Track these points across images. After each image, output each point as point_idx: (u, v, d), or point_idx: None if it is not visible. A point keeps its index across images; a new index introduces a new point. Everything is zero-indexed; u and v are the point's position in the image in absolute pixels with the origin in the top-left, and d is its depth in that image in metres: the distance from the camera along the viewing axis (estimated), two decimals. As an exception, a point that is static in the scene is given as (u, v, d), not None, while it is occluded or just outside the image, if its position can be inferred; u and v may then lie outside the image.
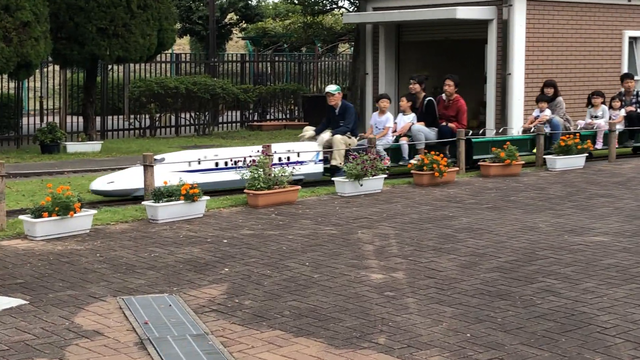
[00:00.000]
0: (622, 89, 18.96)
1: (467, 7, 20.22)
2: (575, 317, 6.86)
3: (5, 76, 20.59)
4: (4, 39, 17.91)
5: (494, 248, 9.38)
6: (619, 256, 9.00)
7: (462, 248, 9.37)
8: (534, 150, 16.82)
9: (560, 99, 18.36)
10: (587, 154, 16.46)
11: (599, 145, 17.68)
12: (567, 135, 16.44)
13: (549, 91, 18.48)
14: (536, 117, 18.08)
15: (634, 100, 18.13)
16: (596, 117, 18.53)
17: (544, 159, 16.25)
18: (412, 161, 15.00)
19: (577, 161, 16.13)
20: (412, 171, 14.27)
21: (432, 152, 14.20)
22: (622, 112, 17.90)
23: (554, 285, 7.81)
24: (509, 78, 19.93)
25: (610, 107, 18.13)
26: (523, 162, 15.52)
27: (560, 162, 15.94)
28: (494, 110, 20.40)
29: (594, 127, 18.18)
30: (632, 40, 21.71)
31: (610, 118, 17.89)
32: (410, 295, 7.53)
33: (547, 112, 17.64)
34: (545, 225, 10.61)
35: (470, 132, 17.00)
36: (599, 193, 13.12)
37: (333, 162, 14.79)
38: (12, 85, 23.23)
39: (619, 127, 17.50)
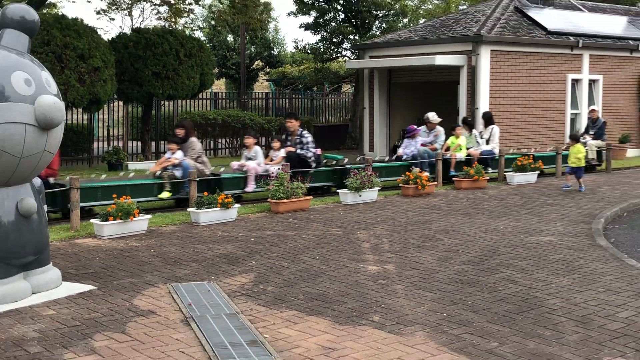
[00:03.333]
0: (288, 129, 14.93)
1: (443, 56, 20.25)
2: (529, 300, 6.88)
3: (80, 110, 20.62)
4: (79, 81, 17.97)
5: (464, 246, 9.39)
6: (564, 252, 9.01)
7: (439, 245, 9.38)
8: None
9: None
10: (538, 172, 16.44)
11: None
12: (524, 157, 16.40)
13: None
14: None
15: (297, 141, 14.30)
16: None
17: (505, 175, 16.20)
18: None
19: (531, 177, 16.11)
20: (400, 184, 14.28)
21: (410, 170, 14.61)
22: (282, 153, 14.11)
23: (513, 275, 7.82)
24: (476, 111, 19.91)
25: (271, 148, 14.75)
26: (488, 177, 15.52)
27: (517, 178, 15.93)
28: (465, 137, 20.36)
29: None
30: (574, 81, 21.68)
31: (270, 159, 14.20)
32: (398, 283, 7.55)
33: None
34: (506, 228, 10.61)
35: (448, 154, 16.95)
36: (548, 202, 13.11)
37: None
38: (85, 117, 23.28)
39: (277, 168, 13.25)
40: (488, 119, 17.60)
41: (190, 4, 25.63)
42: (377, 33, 30.11)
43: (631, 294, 7.06)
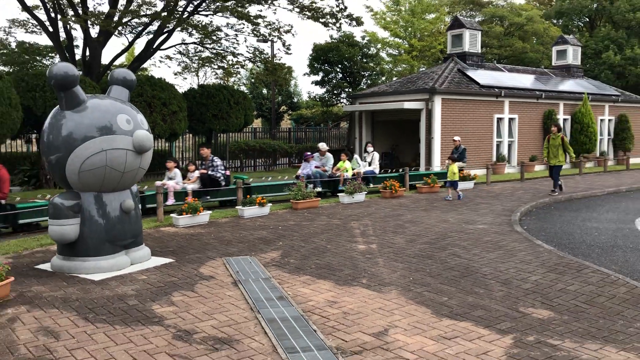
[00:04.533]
0: (202, 155, 12.92)
1: (409, 102, 20.18)
2: (469, 269, 6.84)
3: (163, 140, 20.66)
4: (162, 120, 18.01)
5: (424, 231, 9.32)
6: (492, 236, 8.95)
7: (407, 231, 9.32)
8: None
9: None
10: (474, 180, 16.33)
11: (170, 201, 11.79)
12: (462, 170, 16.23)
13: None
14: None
15: (209, 165, 12.54)
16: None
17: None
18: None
19: (468, 185, 16.03)
20: (380, 189, 14.23)
21: (391, 180, 14.27)
22: (196, 174, 12.37)
23: (457, 252, 7.77)
24: (432, 140, 19.84)
25: (188, 170, 12.62)
26: (440, 184, 15.45)
27: (461, 185, 15.79)
28: (424, 157, 20.32)
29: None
30: (499, 119, 21.62)
31: (188, 179, 12.50)
32: (379, 257, 7.50)
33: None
34: (452, 219, 10.55)
35: (412, 168, 16.88)
36: (481, 201, 13.04)
37: None
38: (166, 144, 23.30)
39: (193, 186, 12.10)
40: (373, 146, 16.48)
41: (237, 68, 25.64)
42: (364, 87, 30.09)
43: (538, 264, 7.03)
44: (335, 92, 30.67)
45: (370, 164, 15.72)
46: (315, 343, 4.48)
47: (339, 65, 29.59)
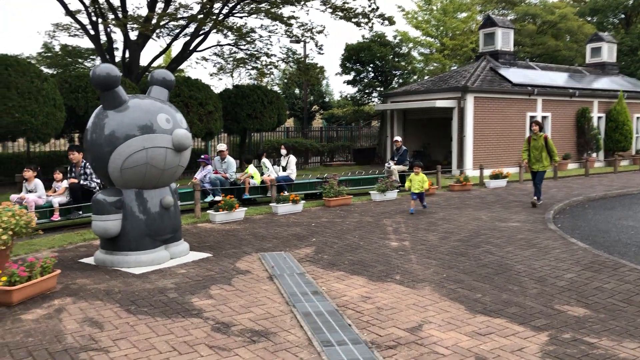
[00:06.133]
0: (71, 161, 10.35)
1: (441, 101, 20.02)
2: (502, 266, 6.75)
3: (199, 139, 20.93)
4: (199, 120, 18.25)
5: (457, 229, 9.25)
6: (526, 233, 8.82)
7: (439, 229, 9.26)
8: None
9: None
10: (507, 179, 16.08)
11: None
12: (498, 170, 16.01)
13: None
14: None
15: (81, 172, 10.09)
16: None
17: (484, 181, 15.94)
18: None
19: (501, 183, 15.82)
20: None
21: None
22: (65, 184, 10.03)
23: (491, 249, 7.68)
24: (464, 138, 19.62)
25: (53, 179, 10.22)
26: (472, 183, 15.28)
27: (492, 183, 15.65)
28: (456, 156, 20.11)
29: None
30: (531, 117, 21.23)
31: (54, 190, 10.11)
32: (412, 253, 7.47)
33: None
34: (485, 217, 10.43)
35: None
36: (514, 200, 12.85)
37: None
38: (202, 143, 23.60)
39: (61, 199, 9.78)
40: (288, 149, 14.05)
41: (271, 69, 25.79)
42: (396, 85, 29.92)
43: (573, 262, 6.90)
44: (366, 91, 30.60)
45: (285, 169, 13.60)
46: (350, 337, 4.49)
47: (371, 65, 29.49)
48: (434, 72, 32.99)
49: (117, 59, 21.00)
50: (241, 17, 21.73)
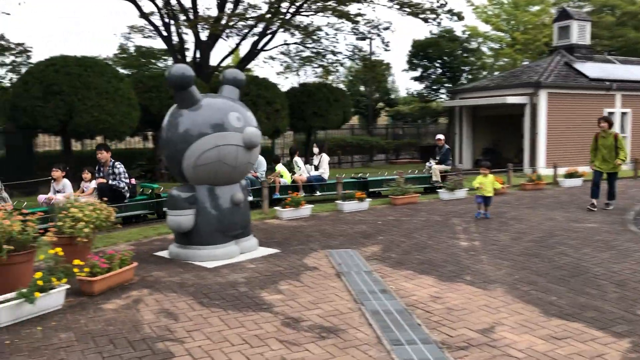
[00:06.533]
0: (99, 160, 9.93)
1: (512, 97, 19.47)
2: (579, 268, 6.49)
3: (266, 137, 21.31)
4: (266, 118, 18.56)
5: (530, 229, 8.95)
6: (604, 235, 8.43)
7: (511, 229, 9.00)
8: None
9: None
10: (582, 178, 15.36)
11: None
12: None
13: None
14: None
15: (109, 172, 9.76)
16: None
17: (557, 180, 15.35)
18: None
19: (576, 182, 15.19)
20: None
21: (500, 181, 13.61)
22: (93, 184, 9.84)
23: (566, 250, 7.39)
24: (536, 135, 18.99)
25: (82, 179, 10.14)
26: (545, 182, 14.77)
27: (567, 182, 15.06)
28: (528, 154, 19.49)
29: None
30: (609, 114, 20.25)
31: (82, 191, 9.97)
32: (483, 254, 7.30)
33: None
34: (559, 217, 10.05)
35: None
36: (590, 200, 12.30)
37: None
38: (269, 141, 23.99)
39: (89, 199, 7.84)
40: (321, 147, 13.48)
41: (336, 66, 25.88)
42: (464, 82, 29.30)
43: (657, 266, 6.55)
44: (434, 87, 30.15)
45: (317, 168, 13.12)
46: (420, 337, 4.45)
47: (439, 61, 29.05)
48: (504, 67, 32.08)
49: (188, 59, 21.65)
50: (308, 16, 21.92)
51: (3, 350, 4.27)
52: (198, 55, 20.66)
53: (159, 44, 41.32)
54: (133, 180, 10.28)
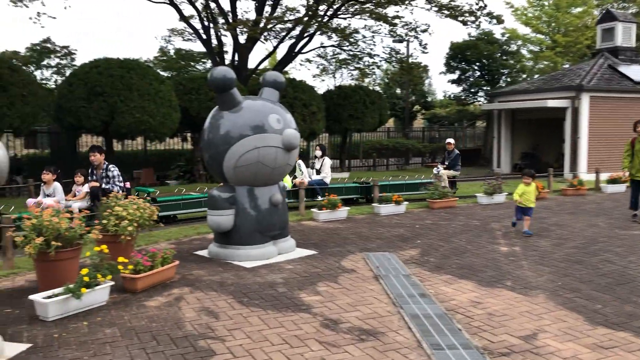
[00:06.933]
0: (92, 163, 9.26)
1: (553, 100, 19.10)
2: (624, 276, 6.31)
3: (302, 139, 21.42)
4: (302, 120, 18.64)
5: (572, 235, 8.74)
6: (650, 243, 8.19)
7: (552, 235, 8.80)
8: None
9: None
10: (626, 185, 14.90)
11: None
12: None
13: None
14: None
15: (103, 175, 9.07)
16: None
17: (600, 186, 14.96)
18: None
19: (620, 187, 14.76)
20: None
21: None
22: (86, 188, 9.31)
23: (610, 258, 7.20)
24: (578, 140, 18.56)
25: (74, 182, 9.58)
26: (586, 187, 14.40)
27: (610, 188, 14.67)
28: (569, 158, 19.07)
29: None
30: (656, 118, 19.71)
31: (74, 194, 9.49)
32: (523, 259, 7.17)
33: None
34: (602, 224, 9.78)
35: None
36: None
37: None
38: (304, 143, 24.10)
39: (81, 203, 9.05)
40: (323, 151, 13.00)
41: (373, 69, 25.85)
42: (503, 85, 28.87)
43: None
44: (472, 90, 29.78)
45: (319, 172, 12.73)
46: (461, 342, 4.40)
47: (477, 63, 28.69)
48: (545, 70, 31.47)
49: (227, 62, 21.93)
50: (345, 19, 21.97)
51: (52, 343, 4.40)
52: (236, 58, 20.91)
53: (198, 47, 41.93)
54: (127, 184, 9.57)
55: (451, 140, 14.12)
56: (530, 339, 4.46)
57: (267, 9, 20.83)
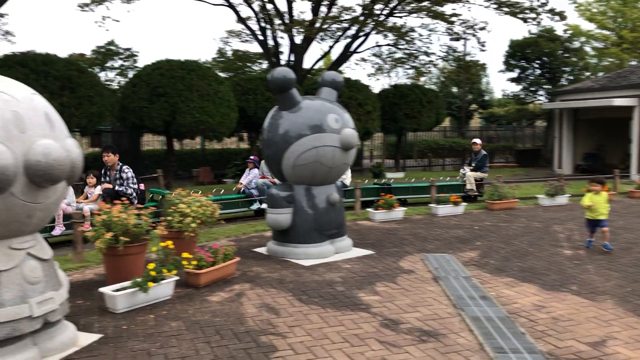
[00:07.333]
0: (106, 164, 8.75)
1: (619, 99, 18.33)
2: (700, 284, 6.00)
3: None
4: (357, 120, 18.61)
5: (640, 240, 8.40)
6: None
7: (619, 238, 8.46)
8: None
9: None
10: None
11: None
12: None
13: None
14: None
15: (116, 176, 8.56)
16: None
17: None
18: None
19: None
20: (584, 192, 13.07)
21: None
22: (98, 190, 8.88)
23: (684, 264, 6.87)
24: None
25: (86, 184, 9.16)
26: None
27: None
28: (636, 159, 18.26)
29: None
30: None
31: (85, 196, 9.06)
32: (589, 263, 6.94)
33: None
34: (674, 228, 9.35)
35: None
36: None
37: None
38: (358, 143, 24.12)
39: (93, 206, 8.49)
40: None
41: (429, 67, 25.52)
42: (565, 83, 27.93)
43: None
44: (531, 89, 28.97)
45: None
46: (525, 346, 4.31)
47: (537, 61, 27.88)
48: (610, 68, 30.25)
49: (282, 62, 22.17)
50: (401, 17, 21.78)
51: (121, 334, 4.59)
52: (292, 58, 21.10)
53: (254, 47, 42.57)
54: (142, 186, 9.08)
55: (477, 140, 13.46)
56: (598, 346, 4.32)
57: (323, 9, 20.92)
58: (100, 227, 5.68)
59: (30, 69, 13.24)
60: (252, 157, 11.67)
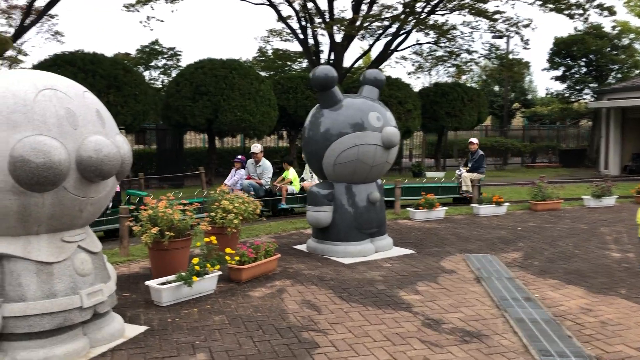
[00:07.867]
0: None
1: (671, 97, 17.75)
2: None
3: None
4: (397, 118, 18.49)
5: (693, 243, 8.08)
6: None
7: (670, 242, 8.19)
8: None
9: None
10: None
11: None
12: None
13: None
14: None
15: None
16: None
17: None
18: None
19: None
20: (634, 194, 12.69)
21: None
22: None
23: None
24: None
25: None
26: None
27: None
28: (688, 160, 17.62)
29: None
30: None
31: None
32: (639, 267, 6.72)
33: None
34: None
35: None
36: None
37: None
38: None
39: None
40: None
41: (471, 65, 25.16)
42: (613, 81, 27.09)
43: None
44: (577, 87, 28.22)
45: None
46: (572, 349, 4.21)
47: (583, 59, 27.13)
48: (661, 65, 29.20)
49: (322, 61, 22.21)
50: (442, 15, 21.53)
51: (167, 327, 4.69)
52: (332, 57, 21.12)
53: (294, 47, 42.79)
54: (117, 188, 8.29)
55: (474, 140, 12.98)
56: (649, 352, 4.19)
57: (364, 7, 20.86)
58: (147, 222, 5.81)
59: (79, 67, 13.65)
60: (239, 157, 11.26)
